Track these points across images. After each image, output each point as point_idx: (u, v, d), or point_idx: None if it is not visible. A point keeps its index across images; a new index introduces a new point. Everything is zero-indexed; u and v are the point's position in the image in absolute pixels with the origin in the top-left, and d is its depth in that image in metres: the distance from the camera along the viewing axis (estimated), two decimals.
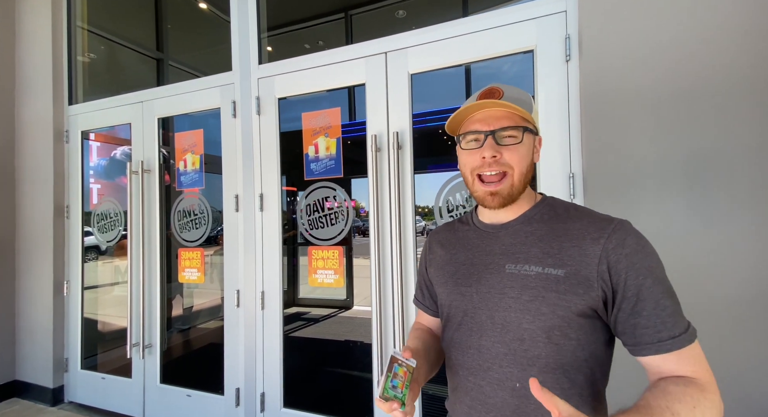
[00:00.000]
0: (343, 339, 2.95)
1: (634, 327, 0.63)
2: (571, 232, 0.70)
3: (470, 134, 0.74)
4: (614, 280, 0.64)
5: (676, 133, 1.31)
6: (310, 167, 2.05)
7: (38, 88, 2.72)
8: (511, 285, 0.71)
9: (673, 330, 0.61)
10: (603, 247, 0.66)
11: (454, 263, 0.81)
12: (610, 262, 0.65)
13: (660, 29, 1.33)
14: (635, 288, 0.63)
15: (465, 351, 0.75)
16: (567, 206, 0.77)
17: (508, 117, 0.72)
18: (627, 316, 0.64)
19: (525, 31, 1.59)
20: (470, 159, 0.75)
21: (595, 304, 0.66)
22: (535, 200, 0.79)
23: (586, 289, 0.65)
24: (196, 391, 2.28)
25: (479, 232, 0.81)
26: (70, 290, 2.70)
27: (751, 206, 1.23)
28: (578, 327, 0.67)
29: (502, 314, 0.71)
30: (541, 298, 0.67)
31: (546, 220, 0.74)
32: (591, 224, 0.70)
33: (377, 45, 1.87)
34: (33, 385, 2.70)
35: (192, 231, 2.36)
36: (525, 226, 0.75)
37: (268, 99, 2.13)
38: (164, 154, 2.49)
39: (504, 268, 0.73)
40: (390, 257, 1.81)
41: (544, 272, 0.68)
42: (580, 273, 0.66)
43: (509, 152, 0.71)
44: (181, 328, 2.76)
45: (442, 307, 0.84)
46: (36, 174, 2.72)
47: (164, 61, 3.60)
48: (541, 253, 0.70)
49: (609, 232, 0.67)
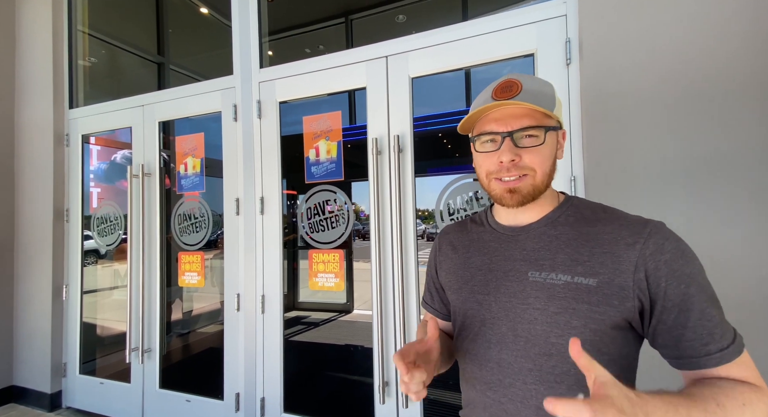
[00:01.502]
0: (343, 343, 2.94)
1: (678, 339, 0.58)
2: (601, 237, 0.64)
3: (485, 135, 0.67)
4: (653, 290, 0.59)
5: (678, 135, 1.31)
6: (310, 170, 2.05)
7: (39, 91, 2.72)
8: (536, 295, 0.64)
9: (722, 341, 0.56)
10: (639, 253, 0.60)
11: (468, 268, 0.75)
12: (648, 269, 0.59)
13: (660, 32, 1.34)
14: (677, 297, 0.57)
15: (483, 364, 0.69)
16: (594, 207, 0.70)
17: (528, 115, 0.64)
18: (669, 328, 0.58)
19: (525, 35, 1.60)
20: (486, 162, 0.67)
21: (631, 316, 0.60)
22: (558, 200, 0.72)
23: (621, 300, 0.59)
24: (196, 397, 2.26)
25: (496, 234, 0.74)
26: (69, 294, 2.68)
27: (753, 208, 1.23)
28: (611, 341, 0.61)
29: (526, 326, 0.65)
30: (571, 311, 0.61)
31: (572, 223, 0.68)
32: (623, 227, 0.63)
33: (378, 49, 1.88)
34: (31, 390, 2.67)
35: (192, 234, 2.35)
36: (549, 229, 0.68)
37: (269, 103, 2.13)
38: (164, 157, 2.49)
39: (527, 275, 0.66)
40: (391, 261, 1.81)
41: (574, 281, 0.62)
42: (613, 282, 0.60)
43: (530, 155, 0.64)
44: (181, 333, 2.74)
45: (455, 314, 0.78)
46: (36, 177, 2.71)
47: (165, 65, 3.61)
48: (569, 260, 0.64)
49: (645, 237, 0.61)
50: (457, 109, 2.10)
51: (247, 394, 2.11)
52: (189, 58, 3.86)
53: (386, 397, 1.79)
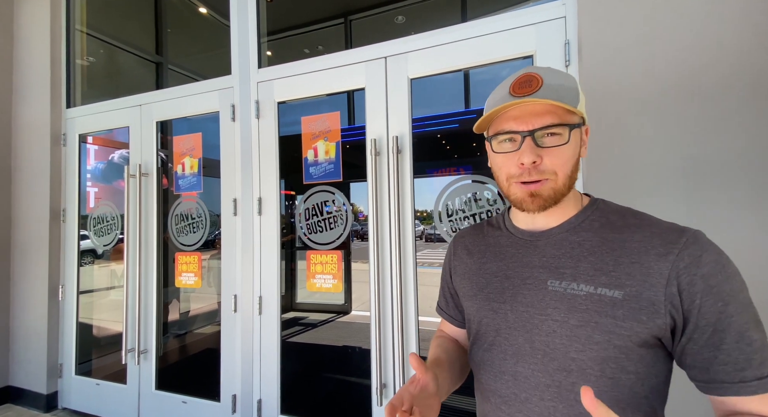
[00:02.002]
0: (341, 344, 2.93)
1: (710, 362, 0.53)
2: (629, 245, 0.58)
3: (503, 134, 0.61)
4: (686, 306, 0.54)
5: (676, 137, 1.31)
6: (309, 171, 2.04)
7: (36, 90, 2.71)
8: (555, 306, 0.60)
9: (761, 369, 0.50)
10: (672, 265, 0.54)
11: (484, 274, 0.71)
12: (681, 283, 0.54)
13: (660, 34, 1.33)
14: (713, 316, 0.52)
15: (498, 376, 0.65)
16: (623, 212, 0.64)
17: (551, 112, 0.58)
18: (700, 349, 0.53)
19: (525, 36, 1.60)
20: (506, 163, 0.62)
21: (661, 333, 0.55)
22: (582, 204, 0.67)
23: (650, 315, 0.54)
24: (192, 398, 2.25)
25: (514, 239, 0.70)
26: (66, 295, 2.67)
27: (752, 210, 1.23)
28: (638, 359, 0.56)
29: (544, 339, 0.60)
30: (593, 324, 0.57)
31: (597, 229, 0.62)
32: (655, 236, 0.58)
33: (377, 49, 1.88)
34: (26, 391, 2.66)
35: (189, 235, 2.34)
36: (571, 235, 0.63)
37: (268, 103, 2.12)
38: (162, 157, 2.48)
39: (546, 284, 0.62)
40: (389, 262, 1.80)
41: (597, 293, 0.57)
42: (642, 296, 0.55)
43: (552, 156, 0.59)
44: (177, 334, 2.73)
45: (470, 322, 0.74)
46: (32, 177, 2.70)
47: (163, 65, 3.60)
48: (593, 270, 0.59)
49: (680, 247, 0.55)
50: (456, 110, 2.10)
51: (244, 395, 2.10)
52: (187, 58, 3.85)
53: (383, 399, 1.78)
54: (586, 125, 0.64)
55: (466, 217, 1.72)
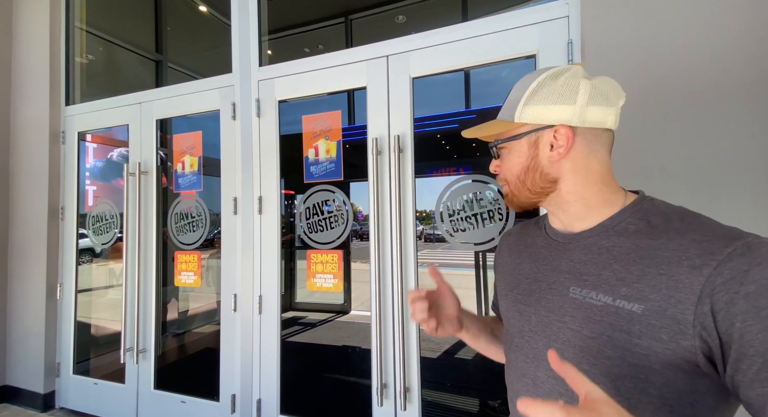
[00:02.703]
0: (340, 344, 2.92)
1: (765, 399, 0.43)
2: (661, 253, 0.52)
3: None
4: (723, 329, 0.46)
5: (681, 138, 1.31)
6: (309, 170, 2.04)
7: (35, 88, 2.69)
8: (573, 314, 0.57)
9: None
10: (707, 280, 0.47)
11: (517, 274, 0.71)
12: (715, 302, 0.46)
13: (663, 34, 1.33)
14: (762, 344, 0.43)
15: (520, 378, 0.66)
16: (669, 214, 0.57)
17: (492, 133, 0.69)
18: (751, 382, 0.44)
19: (527, 36, 1.59)
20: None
21: (692, 357, 0.48)
22: (624, 203, 0.61)
23: (673, 335, 0.48)
24: (191, 398, 2.24)
25: (548, 240, 0.68)
26: (64, 293, 2.65)
27: (757, 212, 1.23)
28: (664, 383, 0.50)
29: (560, 347, 0.58)
30: (605, 338, 0.53)
31: (631, 234, 0.57)
32: (696, 244, 0.50)
33: (379, 48, 1.87)
34: (23, 390, 2.64)
35: (189, 234, 2.33)
36: (601, 239, 0.59)
37: (268, 101, 2.11)
38: (161, 156, 2.47)
39: (568, 290, 0.59)
40: (390, 262, 1.79)
41: (614, 305, 0.53)
42: (665, 312, 0.49)
43: (503, 165, 0.68)
44: (176, 333, 2.72)
45: (504, 319, 0.75)
46: (31, 175, 2.68)
47: (163, 63, 3.59)
48: (615, 279, 0.54)
49: (721, 259, 0.47)
50: (459, 110, 2.10)
51: (244, 395, 2.09)
52: (187, 56, 3.84)
53: (384, 400, 1.78)
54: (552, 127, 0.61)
55: (467, 217, 1.72)
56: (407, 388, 1.74)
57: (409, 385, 1.75)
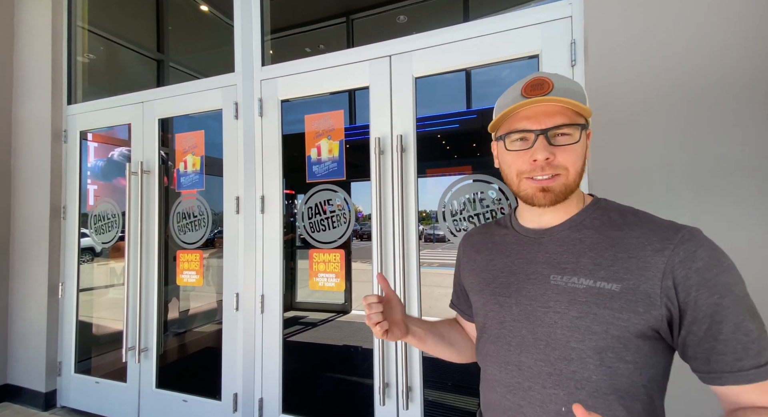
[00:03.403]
0: (341, 344, 2.92)
1: (709, 352, 0.55)
2: (627, 241, 0.62)
3: (516, 133, 0.65)
4: (682, 299, 0.56)
5: (683, 138, 1.31)
6: (312, 169, 2.04)
7: (37, 87, 2.69)
8: (557, 298, 0.63)
9: (758, 358, 0.53)
10: (668, 260, 0.57)
11: (491, 270, 0.75)
12: (676, 276, 0.57)
13: (667, 34, 1.34)
14: (709, 308, 0.55)
15: (503, 367, 0.69)
16: (623, 211, 0.68)
17: (562, 113, 0.63)
18: (699, 340, 0.56)
19: (530, 36, 1.60)
20: (518, 161, 0.66)
21: (657, 325, 0.58)
22: (585, 203, 0.70)
23: (646, 307, 0.57)
24: (193, 397, 2.24)
25: (519, 237, 0.73)
26: (65, 292, 2.65)
27: (760, 212, 1.23)
28: (636, 349, 0.59)
29: (546, 330, 0.64)
30: (592, 316, 0.60)
31: (597, 227, 0.66)
32: (653, 232, 0.61)
33: (382, 48, 1.87)
34: (25, 389, 2.64)
35: (191, 233, 2.33)
36: (573, 232, 0.67)
37: (271, 101, 2.11)
38: (162, 155, 2.47)
39: (548, 278, 0.65)
40: (393, 262, 1.80)
41: (596, 286, 0.61)
42: (639, 289, 0.58)
43: (564, 153, 0.63)
44: (178, 332, 2.72)
45: (477, 316, 0.78)
46: (33, 174, 2.68)
47: (164, 62, 3.59)
48: (592, 264, 0.62)
49: (675, 243, 0.58)
50: (460, 110, 2.10)
51: (246, 394, 2.09)
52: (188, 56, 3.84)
53: (386, 399, 1.78)
54: (589, 129, 0.68)
55: (470, 217, 1.72)
56: (409, 388, 1.74)
57: (411, 385, 1.75)
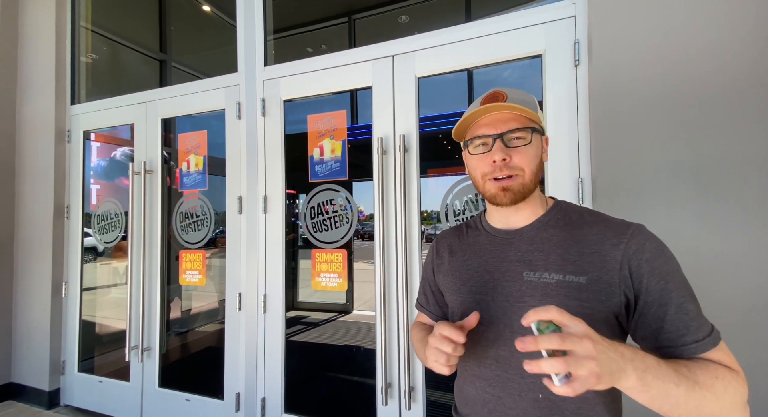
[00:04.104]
0: (343, 344, 2.92)
1: (657, 332, 0.63)
2: (588, 238, 0.69)
3: (477, 139, 0.73)
4: (636, 286, 0.64)
5: (687, 138, 1.31)
6: (314, 169, 2.04)
7: (40, 87, 2.70)
8: (531, 293, 0.69)
9: (697, 333, 0.61)
10: (623, 252, 0.65)
11: (466, 270, 0.79)
12: (631, 267, 0.64)
13: (671, 34, 1.33)
14: (657, 293, 0.63)
15: (481, 361, 0.73)
16: (580, 211, 0.76)
17: (515, 119, 0.71)
18: (649, 321, 0.63)
19: (534, 35, 1.59)
20: (480, 164, 0.74)
21: (618, 310, 0.65)
22: (547, 205, 0.78)
23: (608, 295, 0.65)
24: (196, 396, 2.25)
25: (491, 237, 0.79)
26: (69, 291, 2.66)
27: (763, 213, 1.23)
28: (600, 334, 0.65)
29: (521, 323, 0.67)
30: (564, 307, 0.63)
31: (561, 226, 0.73)
32: (608, 229, 0.69)
33: (384, 48, 1.87)
34: (29, 387, 2.65)
35: (194, 232, 2.34)
36: (540, 232, 0.74)
37: (274, 101, 2.12)
38: (164, 155, 2.48)
39: (521, 275, 0.71)
40: (395, 262, 1.80)
41: (566, 280, 0.67)
42: (602, 279, 0.65)
43: (519, 154, 0.71)
44: (180, 331, 2.73)
45: (453, 315, 0.81)
46: (36, 173, 2.69)
47: (167, 63, 3.60)
48: (561, 260, 0.69)
49: (628, 237, 0.66)
50: (463, 109, 2.09)
51: (248, 393, 2.10)
52: (191, 57, 3.84)
53: (389, 399, 1.78)
54: (545, 135, 0.76)
55: (472, 216, 1.71)
56: (412, 388, 1.74)
57: (413, 385, 1.75)
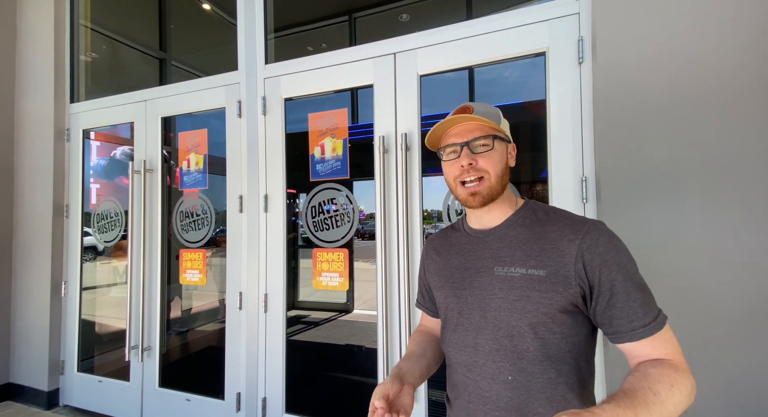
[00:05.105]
0: (344, 343, 2.91)
1: (611, 318, 0.70)
2: (549, 235, 0.76)
3: (449, 147, 0.82)
4: (590, 277, 0.71)
5: (691, 136, 1.30)
6: (315, 168, 2.03)
7: (39, 85, 2.69)
8: (500, 286, 0.77)
9: (644, 319, 0.67)
10: (578, 247, 0.72)
11: (449, 268, 0.88)
12: (585, 260, 0.71)
13: (675, 31, 1.32)
14: (608, 283, 0.69)
15: (462, 349, 0.81)
16: (547, 210, 0.83)
17: (479, 129, 0.80)
18: (603, 309, 0.70)
19: (537, 33, 1.58)
20: (451, 169, 0.82)
21: (575, 300, 0.72)
22: (517, 205, 0.85)
23: (565, 286, 0.72)
24: (196, 396, 2.24)
25: (470, 237, 0.87)
26: (68, 291, 2.65)
27: (766, 212, 1.22)
28: (561, 322, 0.73)
29: (493, 313, 0.77)
30: (526, 298, 0.74)
31: (528, 225, 0.81)
32: (567, 226, 0.76)
33: (386, 46, 1.86)
34: (27, 388, 2.64)
35: (194, 231, 2.32)
36: (509, 230, 0.82)
37: (274, 99, 2.10)
38: (164, 154, 2.46)
39: (493, 271, 0.79)
40: (397, 261, 1.79)
41: (528, 273, 0.75)
42: (559, 272, 0.72)
43: (483, 159, 0.79)
44: (181, 331, 2.71)
45: (440, 308, 0.90)
46: (35, 172, 2.68)
47: (167, 61, 3.58)
48: (524, 256, 0.77)
49: (583, 233, 0.73)
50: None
51: (249, 393, 2.09)
52: (190, 55, 3.83)
53: None
54: (512, 144, 0.85)
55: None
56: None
57: None
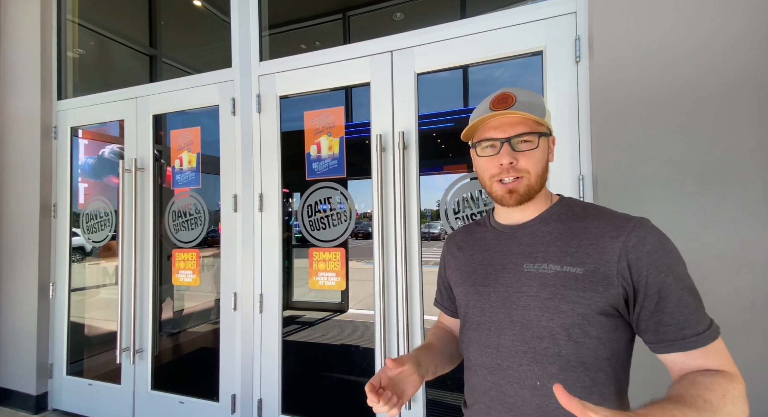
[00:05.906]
0: (340, 343, 2.90)
1: (657, 324, 0.63)
2: (589, 231, 0.70)
3: (486, 141, 0.75)
4: (635, 278, 0.64)
5: (688, 135, 1.31)
6: (312, 167, 2.01)
7: (25, 81, 2.61)
8: (529, 283, 0.71)
9: (697, 327, 0.61)
10: (623, 245, 0.66)
11: (471, 263, 0.82)
12: (630, 260, 0.65)
13: (672, 30, 1.33)
14: (657, 285, 0.63)
15: (484, 350, 0.75)
16: (584, 206, 0.77)
17: (523, 123, 0.72)
18: (650, 314, 0.64)
19: (534, 32, 1.58)
20: (488, 165, 0.75)
21: (616, 302, 0.66)
22: (552, 201, 0.80)
23: (606, 286, 0.65)
24: (190, 398, 2.20)
25: (496, 233, 0.82)
26: (56, 292, 2.59)
27: (763, 210, 1.23)
28: (599, 325, 0.66)
29: (520, 312, 0.71)
30: (560, 296, 0.67)
31: (563, 220, 0.75)
32: (609, 222, 0.70)
33: (383, 43, 1.85)
34: (15, 391, 2.57)
35: (187, 231, 2.28)
36: (542, 226, 0.76)
37: (269, 97, 2.08)
38: (155, 153, 2.42)
39: (522, 267, 0.73)
40: (394, 260, 1.78)
41: (563, 270, 0.68)
42: (599, 271, 0.66)
43: (525, 158, 0.72)
44: (173, 332, 2.67)
45: (460, 306, 0.84)
46: (22, 171, 2.61)
47: (157, 58, 3.52)
48: (559, 252, 0.70)
49: (628, 230, 0.67)
50: (461, 107, 2.08)
51: (244, 395, 2.06)
52: (182, 52, 3.77)
53: None
54: (552, 136, 0.78)
55: (473, 215, 1.71)
56: None
57: None
